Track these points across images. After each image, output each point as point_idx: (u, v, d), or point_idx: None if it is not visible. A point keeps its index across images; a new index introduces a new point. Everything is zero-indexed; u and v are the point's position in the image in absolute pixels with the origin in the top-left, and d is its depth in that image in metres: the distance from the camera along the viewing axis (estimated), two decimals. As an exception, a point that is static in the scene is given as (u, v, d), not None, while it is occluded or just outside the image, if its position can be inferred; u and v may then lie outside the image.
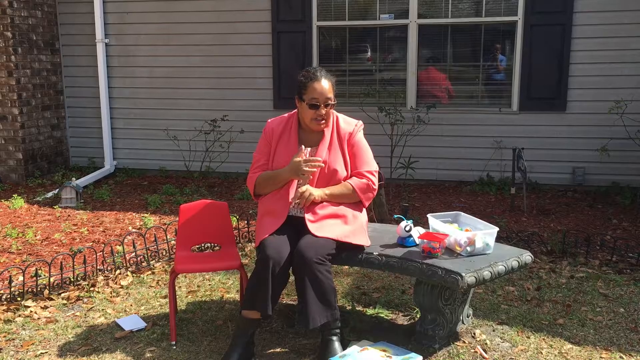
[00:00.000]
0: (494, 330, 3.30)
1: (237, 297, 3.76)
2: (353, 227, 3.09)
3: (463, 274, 2.77)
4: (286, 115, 3.28)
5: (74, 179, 6.36)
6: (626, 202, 5.89)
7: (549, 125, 6.45)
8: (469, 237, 3.00)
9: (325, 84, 3.06)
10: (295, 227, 3.06)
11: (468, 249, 3.00)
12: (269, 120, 3.29)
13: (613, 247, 4.45)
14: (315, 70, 3.12)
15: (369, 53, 6.96)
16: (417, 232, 3.17)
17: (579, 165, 6.43)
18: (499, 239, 3.56)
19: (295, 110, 3.24)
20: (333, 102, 3.09)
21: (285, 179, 3.10)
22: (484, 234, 3.03)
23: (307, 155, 3.12)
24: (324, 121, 3.10)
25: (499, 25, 6.50)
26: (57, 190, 6.33)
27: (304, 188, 3.03)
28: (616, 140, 6.19)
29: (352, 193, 3.12)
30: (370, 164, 3.20)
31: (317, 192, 3.05)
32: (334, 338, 2.96)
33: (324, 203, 3.09)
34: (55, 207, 6.00)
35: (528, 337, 3.22)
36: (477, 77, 6.70)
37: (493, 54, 6.61)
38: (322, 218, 3.05)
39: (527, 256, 3.07)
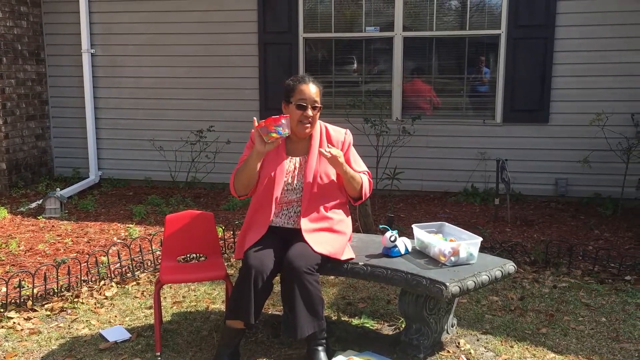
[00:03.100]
0: (478, 340, 3.33)
1: (223, 307, 3.75)
2: (344, 243, 3.12)
3: (447, 284, 2.80)
4: None
5: (58, 189, 6.32)
6: (607, 212, 5.97)
7: (532, 137, 6.53)
8: (453, 247, 3.03)
9: (312, 88, 3.08)
10: (282, 238, 3.07)
11: (452, 259, 3.03)
12: None
13: (595, 257, 4.52)
14: (302, 75, 3.15)
15: (355, 65, 7.01)
16: (402, 242, 3.20)
17: (562, 177, 6.51)
18: (483, 249, 3.60)
19: None
20: (319, 105, 3.11)
21: (256, 157, 2.98)
22: (468, 244, 3.06)
23: (298, 165, 3.12)
24: (309, 124, 3.09)
25: (483, 38, 6.59)
26: (41, 200, 6.28)
27: (335, 151, 2.96)
28: (598, 152, 6.28)
29: (360, 183, 3.11)
30: (364, 167, 3.25)
31: (341, 159, 2.99)
32: (320, 348, 2.97)
33: (319, 215, 3.09)
34: (39, 217, 5.95)
35: (511, 347, 3.25)
36: (461, 89, 6.77)
37: (477, 67, 6.70)
38: (318, 230, 3.06)
39: (510, 266, 3.10)
